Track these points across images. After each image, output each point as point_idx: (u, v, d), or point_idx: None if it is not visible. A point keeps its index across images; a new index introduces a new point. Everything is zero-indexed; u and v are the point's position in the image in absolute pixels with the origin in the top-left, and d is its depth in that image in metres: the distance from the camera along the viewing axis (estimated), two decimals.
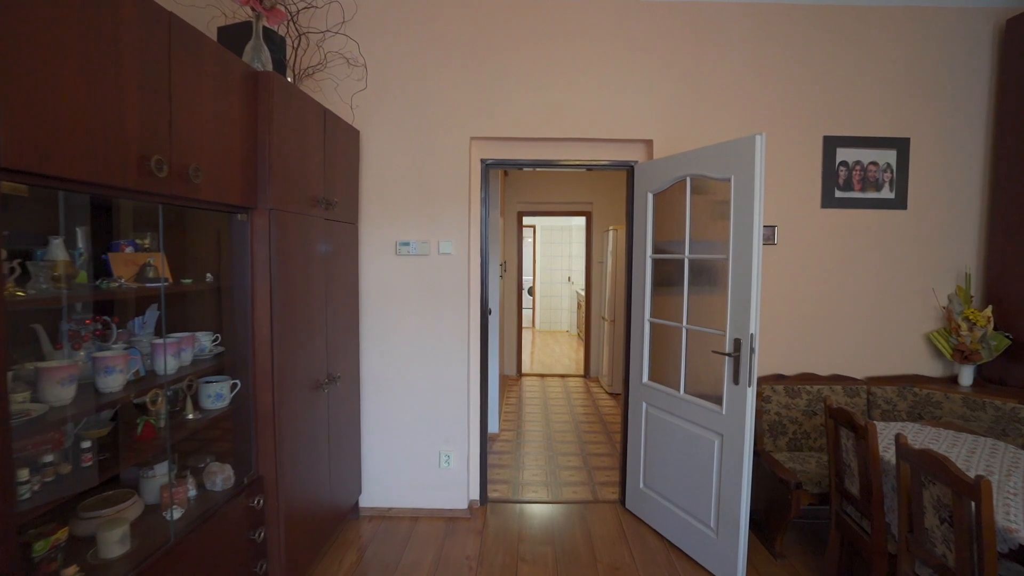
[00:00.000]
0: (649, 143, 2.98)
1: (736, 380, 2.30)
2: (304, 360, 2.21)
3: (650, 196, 2.83)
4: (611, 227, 5.69)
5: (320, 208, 2.35)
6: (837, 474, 2.19)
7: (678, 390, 2.66)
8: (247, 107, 1.86)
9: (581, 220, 8.00)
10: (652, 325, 2.88)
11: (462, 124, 2.91)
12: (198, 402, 1.84)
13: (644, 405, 2.92)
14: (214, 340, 1.90)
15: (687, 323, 2.61)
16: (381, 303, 2.98)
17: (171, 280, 1.71)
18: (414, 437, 3.03)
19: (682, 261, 2.62)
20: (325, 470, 2.45)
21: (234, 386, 1.92)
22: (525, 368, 6.91)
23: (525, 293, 10.74)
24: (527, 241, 10.41)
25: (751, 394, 2.25)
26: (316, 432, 2.35)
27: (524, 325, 10.25)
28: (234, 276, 1.92)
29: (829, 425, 2.19)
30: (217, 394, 1.85)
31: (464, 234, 2.96)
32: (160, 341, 1.62)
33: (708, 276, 2.55)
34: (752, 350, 2.24)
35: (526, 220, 9.94)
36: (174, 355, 1.62)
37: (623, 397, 3.14)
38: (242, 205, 1.85)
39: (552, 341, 9.24)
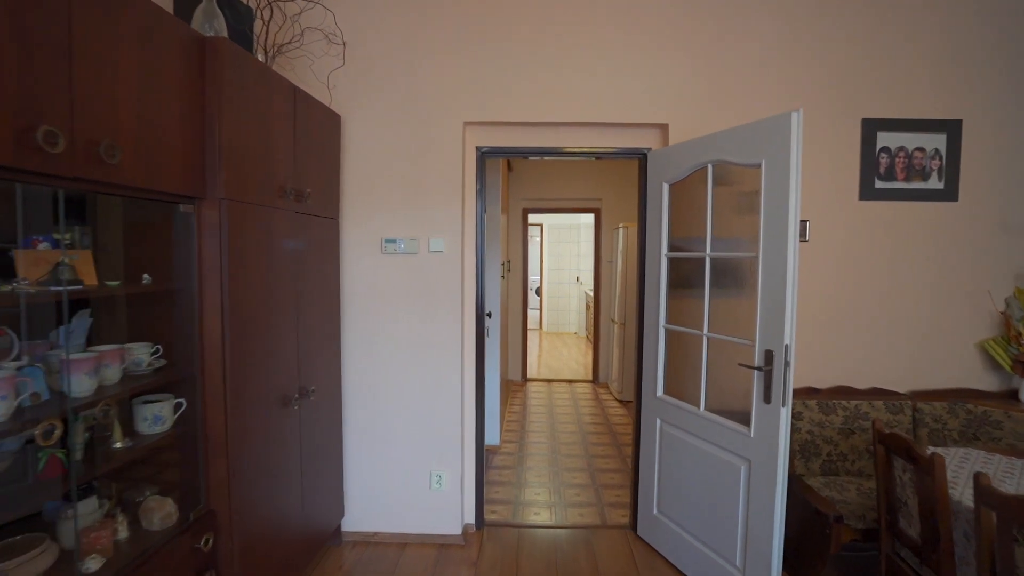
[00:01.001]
0: (664, 128, 2.66)
1: (767, 398, 1.98)
2: (267, 373, 1.93)
3: (665, 187, 2.52)
4: (621, 224, 5.37)
5: (288, 200, 2.06)
6: (888, 510, 1.87)
7: (698, 407, 2.34)
8: (192, 78, 1.57)
9: (589, 218, 7.70)
10: (667, 332, 2.56)
11: (454, 107, 2.62)
12: (133, 426, 1.56)
13: (658, 422, 2.60)
14: (154, 352, 1.62)
15: (708, 331, 2.29)
16: (366, 307, 2.70)
17: (94, 282, 1.43)
18: (402, 455, 2.74)
19: (702, 260, 2.30)
20: (296, 495, 2.17)
21: (178, 406, 1.64)
22: (531, 373, 6.61)
23: (532, 294, 10.45)
24: (534, 240, 10.11)
25: (785, 415, 1.93)
26: (284, 453, 2.07)
27: (531, 327, 9.96)
28: (178, 277, 1.64)
29: (879, 452, 1.86)
30: (155, 416, 1.57)
31: (457, 230, 2.66)
32: (77, 356, 1.34)
33: (733, 277, 2.24)
34: (787, 364, 1.92)
35: (533, 218, 9.65)
36: (90, 373, 1.34)
37: (634, 411, 2.83)
38: (185, 194, 1.57)
39: (560, 344, 8.93)
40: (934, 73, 2.57)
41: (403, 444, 2.74)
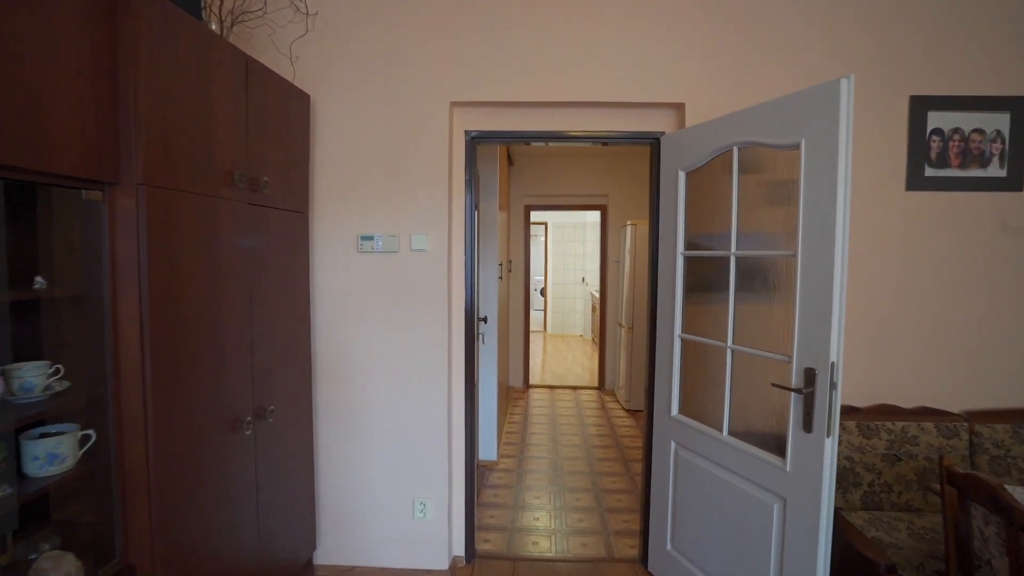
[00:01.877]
0: (679, 108, 2.32)
1: (807, 426, 1.64)
2: (208, 393, 1.62)
3: (682, 175, 2.18)
4: (629, 222, 5.03)
5: (239, 189, 1.75)
6: (960, 566, 1.52)
7: (720, 431, 2.00)
8: (99, 34, 1.27)
9: (595, 216, 7.37)
10: (684, 342, 2.22)
11: (440, 85, 2.30)
12: (20, 467, 1.25)
13: (672, 445, 2.27)
14: (53, 374, 1.32)
15: (733, 342, 1.95)
16: (340, 313, 2.39)
17: None
18: (382, 480, 2.43)
19: (726, 260, 1.96)
20: (251, 531, 1.86)
21: (85, 439, 1.34)
22: (534, 378, 6.28)
23: (537, 295, 10.14)
24: (539, 239, 9.79)
25: (831, 447, 1.59)
26: (234, 485, 1.76)
27: (535, 329, 9.64)
28: (84, 280, 1.33)
29: (949, 496, 1.52)
30: (51, 454, 1.27)
31: (443, 226, 2.34)
32: None
33: (763, 280, 1.90)
34: (833, 385, 1.58)
35: (537, 216, 9.32)
36: None
37: (645, 430, 2.49)
38: (88, 177, 1.26)
39: (564, 347, 8.59)
40: (997, 42, 2.21)
41: (383, 467, 2.42)
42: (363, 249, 2.34)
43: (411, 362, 2.39)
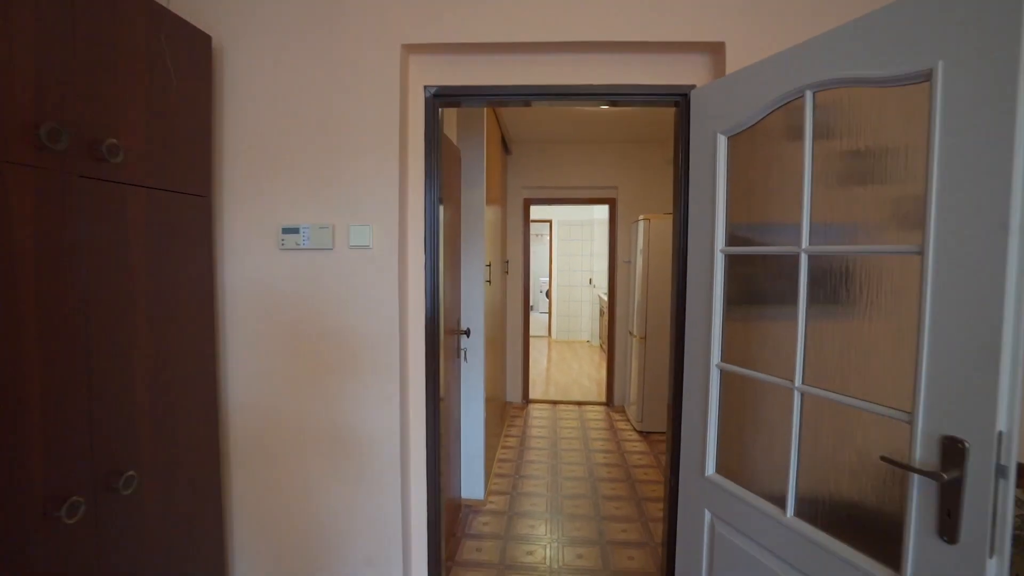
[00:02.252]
0: (717, 49, 1.69)
1: (951, 534, 1.00)
2: None
3: (722, 141, 1.55)
4: (641, 217, 4.40)
5: (55, 153, 1.15)
6: None
7: (783, 509, 1.37)
8: None
9: (603, 212, 6.74)
10: (724, 375, 1.59)
11: (388, 21, 1.69)
12: None
13: (707, 515, 1.64)
14: None
15: (803, 381, 1.32)
16: (256, 329, 1.78)
17: None
18: (314, 553, 1.83)
19: (793, 259, 1.33)
20: None
21: None
22: (535, 391, 5.65)
23: (542, 296, 9.54)
24: (543, 237, 9.18)
25: (996, 573, 0.95)
26: None
27: (540, 334, 9.03)
28: None
29: None
30: None
31: (393, 215, 1.73)
32: None
33: (854, 291, 1.26)
34: (1002, 471, 0.94)
35: (541, 212, 8.72)
36: None
37: (667, 488, 1.87)
38: None
39: (570, 354, 7.95)
40: None
41: (315, 536, 1.82)
42: (286, 246, 1.74)
43: (352, 391, 1.78)
